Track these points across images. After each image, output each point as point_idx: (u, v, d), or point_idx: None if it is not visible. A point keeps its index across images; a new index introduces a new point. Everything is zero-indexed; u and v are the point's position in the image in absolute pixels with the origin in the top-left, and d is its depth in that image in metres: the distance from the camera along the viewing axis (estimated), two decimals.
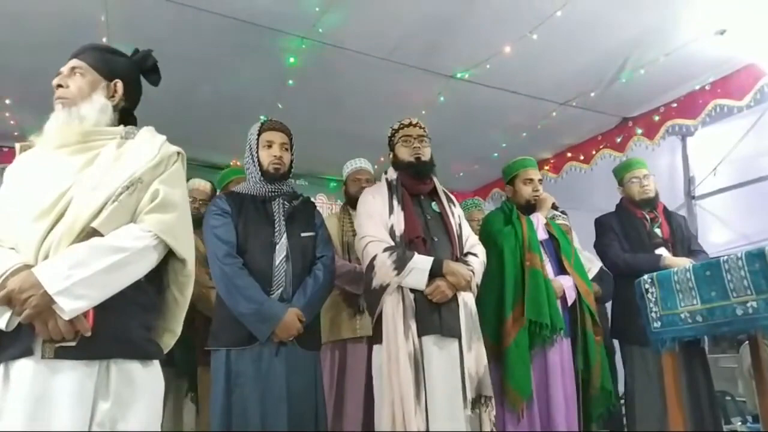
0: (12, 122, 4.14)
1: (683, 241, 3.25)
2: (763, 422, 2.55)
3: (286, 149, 2.54)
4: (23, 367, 1.36)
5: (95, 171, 1.55)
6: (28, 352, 1.37)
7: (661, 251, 3.13)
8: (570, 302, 2.89)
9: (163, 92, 4.03)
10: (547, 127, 4.75)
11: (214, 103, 4.12)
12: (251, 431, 2.17)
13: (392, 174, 2.70)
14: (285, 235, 2.42)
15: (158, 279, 1.62)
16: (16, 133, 4.12)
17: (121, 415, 1.42)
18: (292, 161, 2.58)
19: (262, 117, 3.44)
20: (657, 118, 4.47)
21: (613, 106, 4.53)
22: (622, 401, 3.46)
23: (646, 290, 2.45)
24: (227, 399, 2.23)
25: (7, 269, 1.37)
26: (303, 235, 2.48)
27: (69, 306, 1.34)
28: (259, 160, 2.51)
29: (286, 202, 2.51)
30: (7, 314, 1.35)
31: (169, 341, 1.68)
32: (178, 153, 1.73)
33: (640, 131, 4.59)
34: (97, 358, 1.42)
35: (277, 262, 2.37)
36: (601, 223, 3.38)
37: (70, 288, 1.35)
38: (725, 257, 2.14)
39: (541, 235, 2.98)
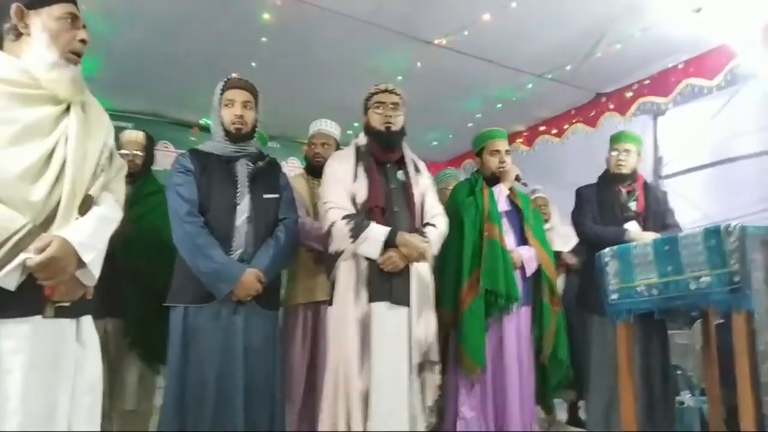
0: None
1: (657, 215, 3.25)
2: (709, 394, 2.67)
3: (249, 108, 2.49)
4: (18, 327, 1.40)
5: (78, 135, 1.54)
6: (39, 311, 1.44)
7: (631, 225, 3.16)
8: (530, 273, 2.94)
9: (134, 47, 3.94)
10: (522, 99, 4.77)
11: (186, 59, 4.02)
12: (206, 388, 2.20)
13: (362, 140, 2.69)
14: (248, 197, 2.41)
15: None
16: None
17: (91, 363, 1.58)
18: (256, 120, 2.54)
19: (234, 74, 3.37)
20: (630, 94, 4.50)
21: (588, 80, 4.55)
22: None
23: (606, 263, 2.51)
24: (184, 355, 2.25)
25: (17, 229, 1.37)
26: (266, 196, 2.47)
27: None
28: (221, 119, 2.47)
29: (250, 163, 2.49)
30: (16, 274, 1.37)
31: None
32: None
33: (611, 107, 4.62)
34: (76, 316, 1.55)
35: (238, 223, 2.37)
36: (579, 194, 3.40)
37: (95, 258, 1.51)
38: (684, 233, 2.21)
39: (503, 206, 3.00)
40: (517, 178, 3.11)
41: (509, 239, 2.95)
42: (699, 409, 3.25)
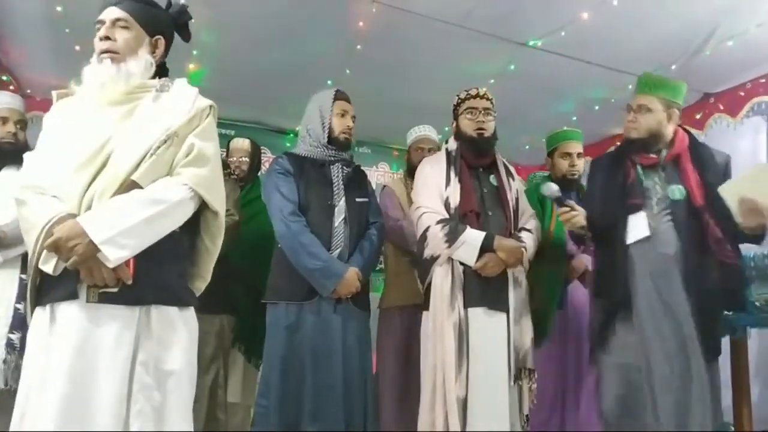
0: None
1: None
2: None
3: (354, 121, 2.66)
4: (68, 310, 1.46)
5: (134, 125, 1.61)
6: (73, 296, 1.46)
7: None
8: None
9: (232, 55, 4.12)
10: (622, 100, 4.53)
11: (282, 66, 4.13)
12: (307, 384, 2.28)
13: (452, 144, 2.69)
14: (343, 199, 2.52)
15: (192, 229, 1.69)
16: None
17: (164, 356, 1.52)
18: None
19: (329, 81, 3.45)
20: (742, 94, 4.19)
21: (695, 80, 4.24)
22: None
23: None
24: (285, 351, 2.34)
25: (53, 217, 1.45)
26: (358, 200, 2.59)
27: (113, 255, 1.43)
28: (331, 126, 2.57)
29: (344, 167, 2.61)
30: (54, 260, 1.45)
31: (200, 286, 1.76)
32: (211, 106, 1.76)
33: (721, 107, 4.32)
34: (138, 304, 1.51)
35: (336, 224, 2.47)
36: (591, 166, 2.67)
37: (113, 237, 1.44)
38: None
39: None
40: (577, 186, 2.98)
41: (572, 245, 2.85)
42: None
